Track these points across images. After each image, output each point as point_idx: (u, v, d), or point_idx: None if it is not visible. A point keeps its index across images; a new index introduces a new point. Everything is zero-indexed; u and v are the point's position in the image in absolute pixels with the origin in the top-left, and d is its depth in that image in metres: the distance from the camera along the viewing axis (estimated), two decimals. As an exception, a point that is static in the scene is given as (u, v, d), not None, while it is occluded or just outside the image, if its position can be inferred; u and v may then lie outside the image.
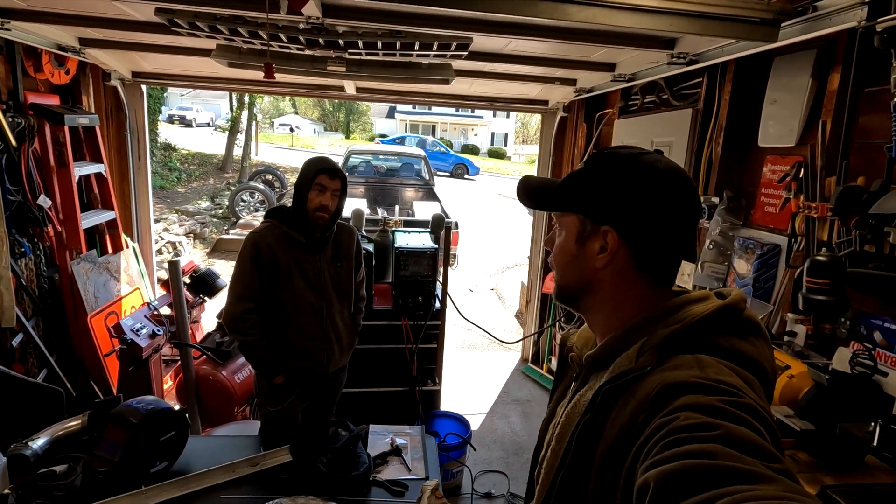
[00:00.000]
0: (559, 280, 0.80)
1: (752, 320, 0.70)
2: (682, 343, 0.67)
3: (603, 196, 0.72)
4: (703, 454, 0.49)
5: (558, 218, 0.80)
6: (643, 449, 0.57)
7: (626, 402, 0.64)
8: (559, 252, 0.79)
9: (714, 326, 0.68)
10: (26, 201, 2.72)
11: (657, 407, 0.59)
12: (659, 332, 0.68)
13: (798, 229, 1.78)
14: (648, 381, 0.63)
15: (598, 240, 0.73)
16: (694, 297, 0.72)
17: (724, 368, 0.62)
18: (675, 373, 0.62)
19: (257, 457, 1.76)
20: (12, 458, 1.55)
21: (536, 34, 2.04)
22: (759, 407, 0.57)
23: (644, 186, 0.70)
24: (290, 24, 2.14)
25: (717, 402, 0.56)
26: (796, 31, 1.64)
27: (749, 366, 0.65)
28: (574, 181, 0.76)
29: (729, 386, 0.59)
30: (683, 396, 0.58)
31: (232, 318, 2.02)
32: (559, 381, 0.92)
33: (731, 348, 0.66)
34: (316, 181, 2.00)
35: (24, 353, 2.79)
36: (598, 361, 0.76)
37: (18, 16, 2.32)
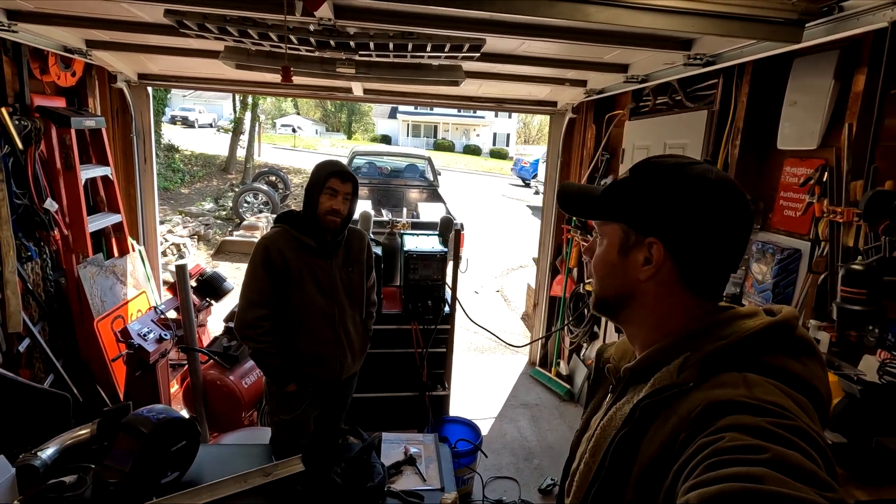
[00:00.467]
0: (598, 290, 0.78)
1: (805, 339, 0.67)
2: (729, 360, 0.64)
3: (649, 206, 0.70)
4: (750, 478, 0.46)
5: (600, 227, 0.78)
6: (684, 468, 0.54)
7: (666, 417, 0.62)
8: (600, 262, 0.77)
9: (764, 344, 0.64)
10: (33, 205, 2.69)
11: (700, 425, 0.57)
12: (704, 348, 0.65)
13: (822, 234, 1.74)
14: (691, 398, 0.61)
15: (643, 251, 0.70)
16: (742, 313, 0.70)
17: (774, 389, 0.59)
18: (721, 391, 0.59)
19: (269, 466, 1.73)
20: (21, 469, 1.52)
21: (551, 35, 2.01)
22: (811, 431, 0.54)
23: (694, 198, 0.67)
24: (300, 25, 2.11)
25: (765, 423, 0.53)
26: (821, 32, 1.60)
27: (801, 387, 0.62)
28: (618, 190, 0.74)
29: (779, 407, 0.56)
30: (729, 416, 0.55)
31: (245, 324, 1.99)
32: (594, 393, 0.90)
33: (782, 368, 0.62)
34: (327, 185, 1.98)
35: (31, 358, 2.76)
36: (636, 374, 0.74)
37: (26, 18, 2.30)
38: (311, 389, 2.08)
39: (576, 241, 3.92)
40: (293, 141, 27.29)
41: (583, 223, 3.67)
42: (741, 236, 0.69)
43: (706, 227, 0.67)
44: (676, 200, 0.68)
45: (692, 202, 0.67)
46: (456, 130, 38.27)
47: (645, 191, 0.70)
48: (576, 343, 4.01)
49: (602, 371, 0.88)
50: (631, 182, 0.73)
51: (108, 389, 3.08)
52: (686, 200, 0.67)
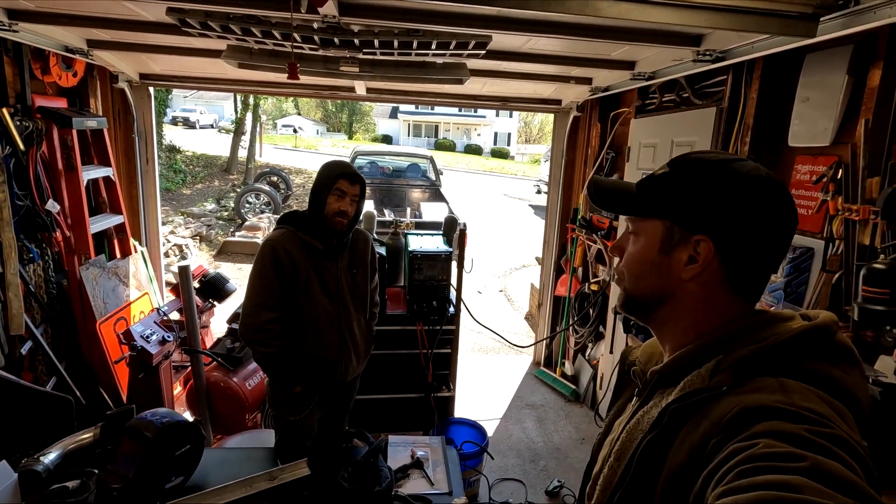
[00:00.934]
0: (631, 289, 0.75)
1: (846, 346, 0.64)
2: (765, 364, 0.61)
3: (698, 203, 0.67)
4: (786, 486, 0.44)
5: (635, 223, 0.74)
6: (715, 474, 0.52)
7: (697, 422, 0.60)
8: (636, 260, 0.74)
9: (802, 349, 0.62)
10: (34, 206, 2.67)
11: (733, 431, 0.55)
12: (738, 351, 0.63)
13: (836, 232, 1.71)
14: (724, 403, 0.59)
15: (688, 249, 0.68)
16: (778, 316, 0.67)
17: (813, 395, 0.57)
18: (756, 396, 0.57)
19: (275, 470, 1.70)
20: (24, 475, 1.49)
21: (559, 31, 1.98)
22: (851, 440, 0.52)
23: (747, 195, 0.65)
24: (304, 23, 2.08)
25: (803, 430, 0.51)
26: (837, 26, 1.57)
27: (841, 395, 0.59)
28: (660, 185, 0.71)
29: (817, 415, 0.53)
30: (764, 422, 0.53)
31: (253, 328, 1.94)
32: (618, 396, 0.88)
33: (821, 374, 0.60)
34: (336, 186, 1.95)
35: (34, 360, 2.74)
36: (665, 377, 0.72)
37: (27, 17, 2.28)
38: (316, 391, 2.05)
39: (581, 241, 3.89)
40: (294, 141, 27.29)
41: (587, 221, 3.64)
42: (788, 236, 0.68)
43: (758, 225, 0.65)
44: (729, 197, 0.66)
45: (745, 199, 0.65)
46: (457, 130, 38.23)
47: (693, 187, 0.68)
48: (581, 343, 3.98)
49: (627, 373, 0.86)
50: (674, 178, 0.70)
51: (111, 392, 3.06)
52: (739, 197, 0.65)
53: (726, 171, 0.67)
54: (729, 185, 0.66)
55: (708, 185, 0.67)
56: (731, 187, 0.66)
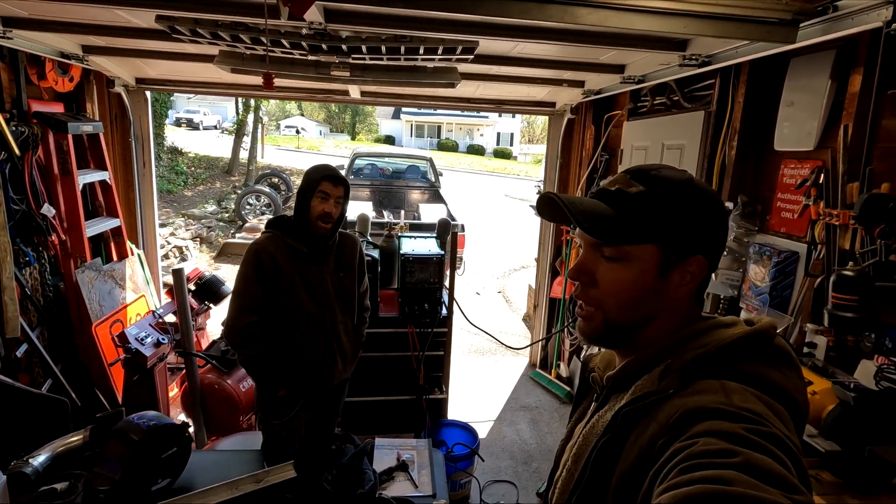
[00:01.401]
0: (615, 318, 0.71)
1: (784, 349, 0.68)
2: (708, 368, 0.65)
3: (693, 227, 0.70)
4: (720, 480, 0.47)
5: (618, 249, 0.70)
6: (660, 472, 0.55)
7: (646, 425, 0.63)
8: (626, 288, 0.70)
9: (742, 352, 0.66)
10: (30, 210, 2.70)
11: (677, 431, 0.58)
12: (684, 356, 0.67)
13: (818, 237, 1.72)
14: (670, 405, 0.62)
15: (682, 270, 0.70)
16: (722, 322, 0.71)
17: (751, 396, 0.60)
18: (698, 398, 0.60)
19: (261, 473, 1.72)
20: (12, 477, 1.52)
21: (544, 37, 1.99)
22: (785, 437, 0.55)
23: (720, 213, 0.72)
24: (293, 29, 2.10)
25: (739, 429, 0.54)
26: (816, 32, 1.58)
27: (778, 395, 0.63)
28: (648, 208, 0.69)
29: (754, 414, 0.57)
30: (705, 422, 0.56)
31: (236, 331, 1.98)
32: (579, 403, 0.90)
33: (760, 376, 0.64)
34: (319, 188, 1.97)
35: (31, 362, 2.77)
36: (619, 382, 0.75)
37: (21, 24, 2.31)
38: (301, 394, 2.07)
39: (575, 243, 3.90)
40: (297, 142, 27.37)
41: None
42: None
43: (724, 236, 0.74)
44: (710, 217, 0.71)
45: (718, 216, 0.72)
46: (459, 130, 38.24)
47: (679, 210, 0.69)
48: (576, 345, 3.99)
49: (587, 380, 0.88)
50: (657, 200, 0.69)
51: (107, 393, 3.09)
52: (715, 215, 0.71)
53: (695, 191, 0.70)
54: (705, 205, 0.71)
55: (690, 206, 0.69)
56: (706, 206, 0.71)
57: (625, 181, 0.71)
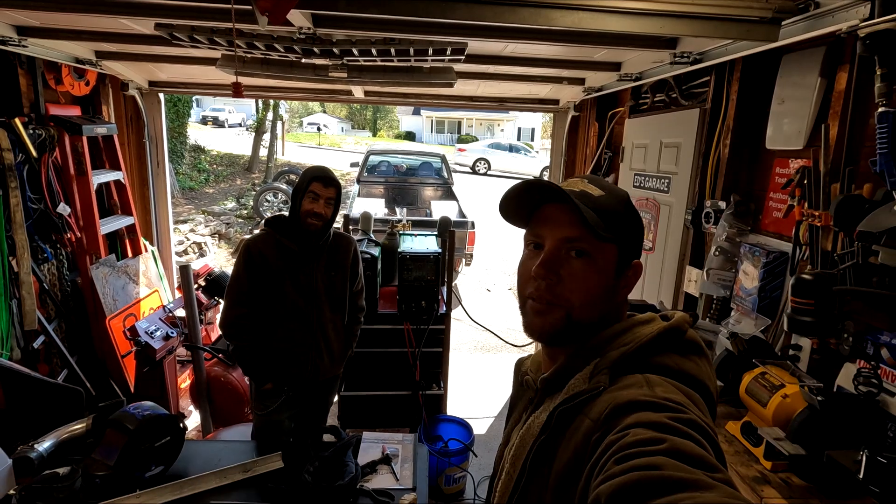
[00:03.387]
0: (577, 313, 0.72)
1: (695, 341, 0.73)
2: (632, 363, 0.69)
3: (636, 231, 0.78)
4: (651, 466, 0.51)
5: (593, 245, 0.72)
6: (595, 466, 0.59)
7: (580, 422, 0.66)
8: (595, 283, 0.72)
9: (660, 347, 0.70)
10: (47, 209, 2.85)
11: (609, 425, 0.62)
12: (610, 354, 0.71)
13: (802, 238, 1.69)
14: (601, 401, 0.66)
15: (627, 273, 0.77)
16: (641, 320, 0.76)
17: (671, 387, 0.66)
18: (626, 392, 0.64)
19: (249, 463, 1.79)
20: (18, 461, 1.62)
21: (531, 37, 2.00)
22: (702, 422, 0.60)
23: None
24: (286, 34, 2.16)
25: (664, 418, 0.58)
26: (799, 30, 1.55)
27: (692, 384, 0.68)
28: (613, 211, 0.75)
29: (675, 403, 0.62)
30: (633, 414, 0.61)
31: (227, 323, 2.09)
32: (514, 406, 0.92)
33: (677, 367, 0.69)
34: (310, 189, 2.04)
35: (49, 353, 2.93)
36: (551, 383, 0.77)
37: (34, 33, 2.42)
38: (286, 388, 2.15)
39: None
40: (318, 139, 27.71)
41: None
42: None
43: None
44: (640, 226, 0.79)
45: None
46: (480, 126, 38.05)
47: (632, 217, 0.78)
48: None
49: (521, 383, 0.89)
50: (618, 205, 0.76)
51: (121, 384, 3.23)
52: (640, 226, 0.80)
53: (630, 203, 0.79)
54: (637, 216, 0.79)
55: (636, 214, 0.78)
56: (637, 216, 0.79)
57: (584, 184, 0.77)
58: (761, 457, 1.36)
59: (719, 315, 2.21)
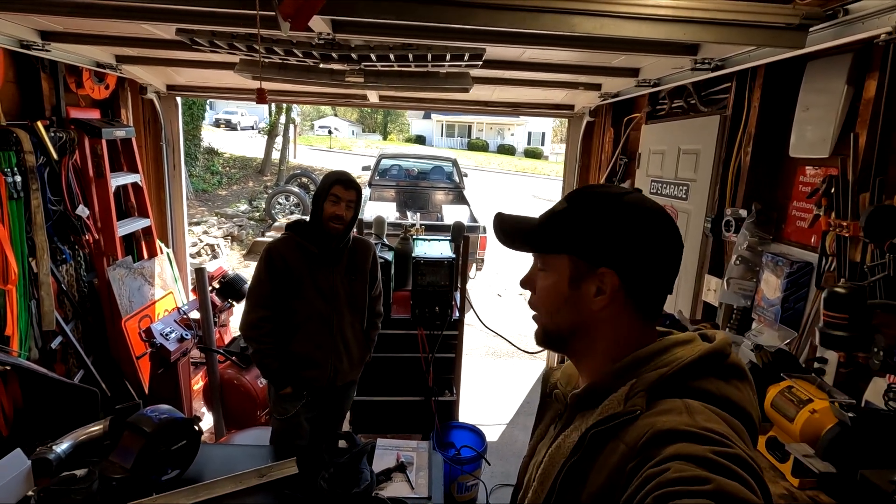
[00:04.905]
0: (547, 324, 0.77)
1: (738, 365, 0.69)
2: (671, 387, 0.66)
3: (599, 237, 0.71)
4: None
5: (543, 259, 0.77)
6: (633, 499, 0.56)
7: (615, 446, 0.64)
8: (548, 295, 0.75)
9: (701, 370, 0.67)
10: (66, 211, 2.88)
11: (647, 454, 0.59)
12: (647, 376, 0.67)
13: (829, 248, 1.65)
14: (638, 426, 0.63)
15: (595, 282, 0.71)
16: (680, 340, 0.72)
17: (713, 415, 0.62)
18: (665, 418, 0.61)
19: (264, 468, 1.79)
20: (36, 462, 1.63)
21: (550, 43, 1.99)
22: (748, 458, 0.56)
23: (640, 226, 0.70)
24: (305, 39, 2.17)
25: (707, 452, 0.55)
26: (827, 37, 1.52)
27: (735, 411, 0.65)
28: (561, 221, 0.74)
29: (719, 435, 0.58)
30: (674, 445, 0.57)
31: (248, 325, 2.11)
32: (540, 419, 0.90)
33: (719, 393, 0.65)
34: (331, 192, 2.06)
35: (66, 354, 2.96)
36: (583, 401, 0.75)
37: (57, 38, 2.46)
38: (305, 393, 2.15)
39: None
40: (329, 142, 27.89)
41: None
42: (678, 257, 0.73)
43: (652, 252, 0.70)
44: (623, 229, 0.70)
45: (637, 229, 0.70)
46: (490, 130, 38.09)
47: (591, 221, 0.71)
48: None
49: (549, 396, 0.88)
50: (572, 213, 0.73)
51: (135, 385, 3.25)
52: (633, 229, 0.70)
53: (619, 204, 0.71)
54: (623, 217, 0.70)
55: (604, 218, 0.71)
56: (625, 219, 0.70)
57: (560, 201, 0.77)
58: (788, 473, 1.32)
59: (739, 325, 2.17)
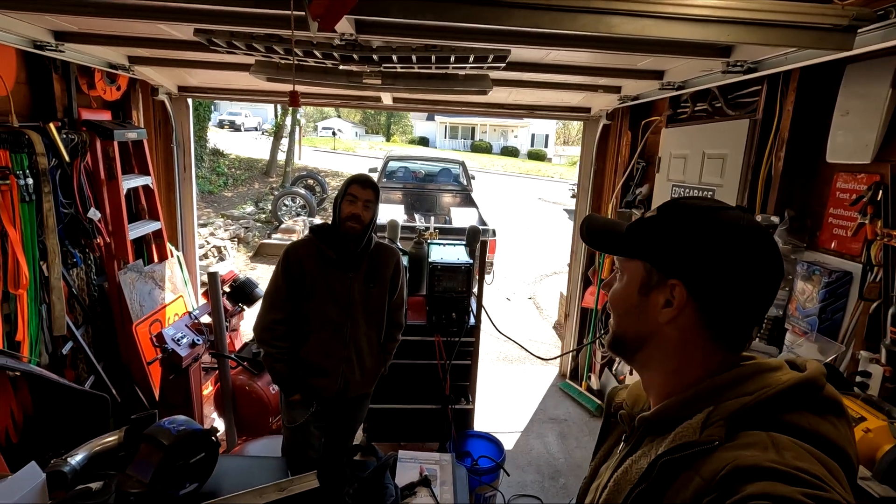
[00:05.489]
0: (615, 328, 0.75)
1: (834, 399, 0.63)
2: (754, 418, 0.60)
3: (675, 247, 0.68)
4: None
5: (622, 263, 0.75)
6: None
7: (689, 478, 0.58)
8: (619, 298, 0.74)
9: (791, 402, 0.60)
10: (78, 214, 2.83)
11: (727, 491, 0.53)
12: (728, 404, 0.62)
13: (875, 258, 1.59)
14: (716, 459, 0.57)
15: (664, 293, 0.68)
16: (766, 366, 0.66)
17: (805, 453, 0.56)
18: (749, 453, 0.55)
19: (285, 482, 1.73)
20: (51, 475, 1.58)
21: (578, 45, 1.93)
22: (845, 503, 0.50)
23: (722, 243, 0.65)
24: (325, 40, 2.12)
25: (799, 495, 0.49)
26: (876, 38, 1.46)
27: (830, 450, 0.58)
28: (645, 227, 0.72)
29: (812, 475, 0.52)
30: (759, 482, 0.52)
31: (261, 327, 2.08)
32: (604, 440, 0.86)
33: (811, 429, 0.59)
34: (348, 191, 2.02)
35: (76, 359, 2.91)
36: (653, 425, 0.70)
37: (72, 38, 2.42)
38: (314, 402, 2.09)
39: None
40: (333, 144, 27.89)
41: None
42: (770, 287, 0.66)
43: (733, 273, 0.65)
44: (703, 243, 0.66)
45: (719, 247, 0.65)
46: (493, 132, 38.07)
47: (672, 231, 0.68)
48: (607, 357, 3.88)
49: (614, 416, 0.84)
50: (658, 221, 0.71)
51: (146, 391, 3.21)
52: (713, 244, 0.65)
53: (708, 218, 0.67)
54: (706, 232, 0.66)
55: (686, 230, 0.67)
56: (707, 233, 0.66)
57: (653, 209, 0.73)
58: (841, 496, 1.26)
59: (770, 335, 2.11)
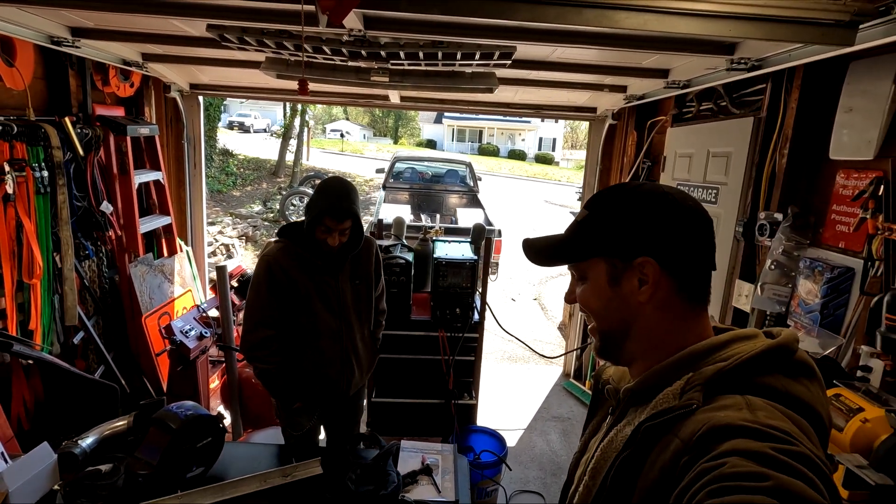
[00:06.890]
0: (602, 326, 0.76)
1: (806, 362, 0.66)
2: (730, 382, 0.63)
3: (625, 231, 0.71)
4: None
5: (577, 268, 0.78)
6: (685, 493, 0.54)
7: (668, 441, 0.61)
8: (593, 299, 0.76)
9: (765, 366, 0.63)
10: (91, 207, 2.89)
11: (703, 449, 0.56)
12: (705, 370, 0.65)
13: (876, 253, 1.60)
14: (693, 421, 0.60)
15: (635, 274, 0.71)
16: (741, 335, 0.69)
17: (776, 412, 0.59)
18: (724, 414, 0.58)
19: (289, 468, 1.76)
20: (62, 456, 1.62)
21: (584, 41, 1.96)
22: (814, 457, 0.53)
23: (661, 209, 0.70)
24: (334, 36, 2.16)
25: (768, 448, 0.52)
26: (878, 34, 1.47)
27: (802, 410, 0.61)
28: (586, 227, 0.75)
29: (781, 432, 0.55)
30: (732, 440, 0.54)
31: (251, 345, 1.94)
32: (592, 415, 0.90)
33: (783, 390, 0.62)
34: (323, 221, 1.84)
35: (86, 349, 2.97)
36: (637, 395, 0.74)
37: (88, 35, 2.48)
38: (317, 407, 2.07)
39: None
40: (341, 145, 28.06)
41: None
42: (711, 230, 0.72)
43: (685, 232, 0.70)
44: (652, 216, 0.70)
45: (665, 214, 0.69)
46: (501, 135, 38.13)
47: (614, 218, 0.72)
48: (612, 356, 3.88)
49: (601, 392, 0.87)
50: (594, 216, 0.74)
51: (154, 382, 3.26)
52: (660, 214, 0.70)
53: (634, 195, 0.72)
54: (642, 206, 0.70)
55: (625, 211, 0.71)
56: (645, 207, 0.70)
57: (581, 210, 0.78)
58: (839, 485, 1.27)
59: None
